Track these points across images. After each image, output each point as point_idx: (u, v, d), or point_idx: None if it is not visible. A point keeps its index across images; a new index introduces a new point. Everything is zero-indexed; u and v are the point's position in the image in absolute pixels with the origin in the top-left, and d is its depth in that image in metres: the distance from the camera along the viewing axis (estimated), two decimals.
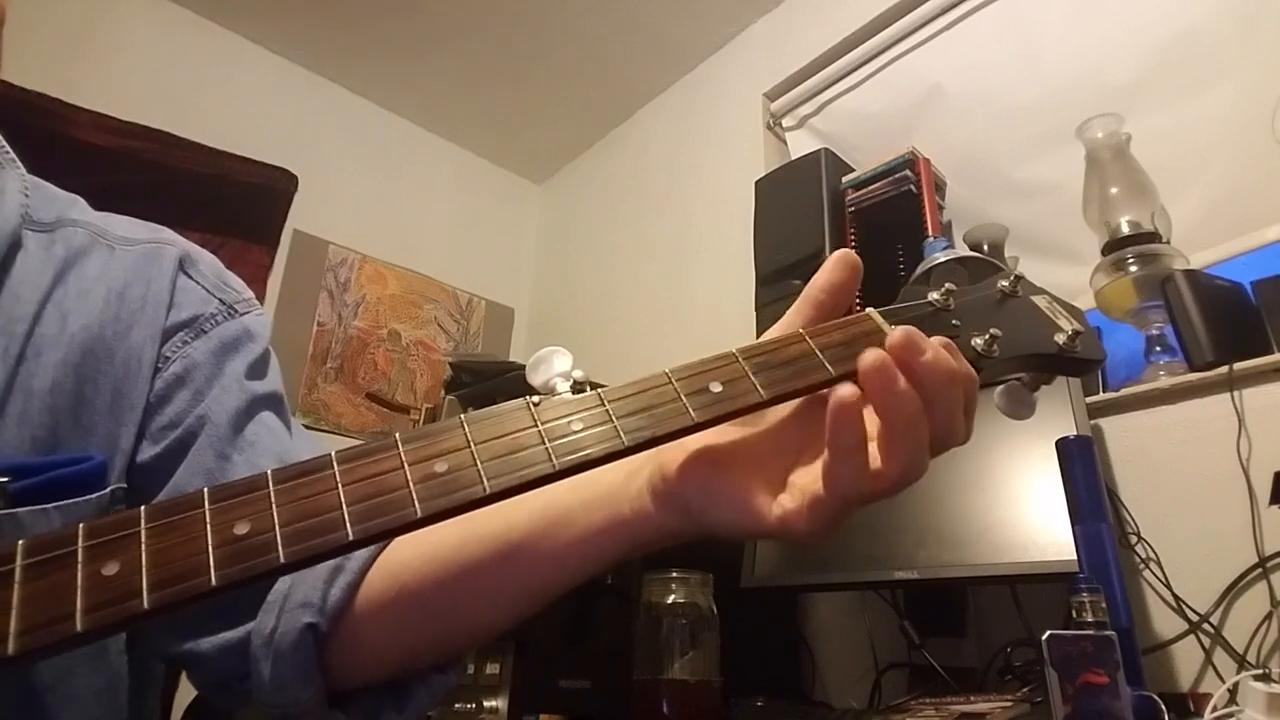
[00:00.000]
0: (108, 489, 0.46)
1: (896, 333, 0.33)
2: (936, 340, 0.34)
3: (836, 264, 0.39)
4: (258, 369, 0.53)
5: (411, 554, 0.45)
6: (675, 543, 0.39)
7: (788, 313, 0.39)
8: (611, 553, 0.40)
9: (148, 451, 0.48)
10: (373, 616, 0.44)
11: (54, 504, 0.43)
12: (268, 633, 0.44)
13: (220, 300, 0.54)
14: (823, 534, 0.34)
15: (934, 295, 0.40)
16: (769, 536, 0.36)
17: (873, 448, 0.33)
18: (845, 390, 0.32)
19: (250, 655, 0.44)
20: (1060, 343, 0.39)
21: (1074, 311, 0.42)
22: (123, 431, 0.48)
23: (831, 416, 0.32)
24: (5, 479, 0.41)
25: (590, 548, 0.40)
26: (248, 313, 0.55)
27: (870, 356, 0.33)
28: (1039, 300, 0.42)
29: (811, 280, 0.39)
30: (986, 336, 0.38)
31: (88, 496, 0.44)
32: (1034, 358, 0.39)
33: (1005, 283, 0.42)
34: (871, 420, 0.34)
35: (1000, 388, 0.41)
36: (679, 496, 0.37)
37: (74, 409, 0.46)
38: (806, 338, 0.36)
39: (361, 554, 0.45)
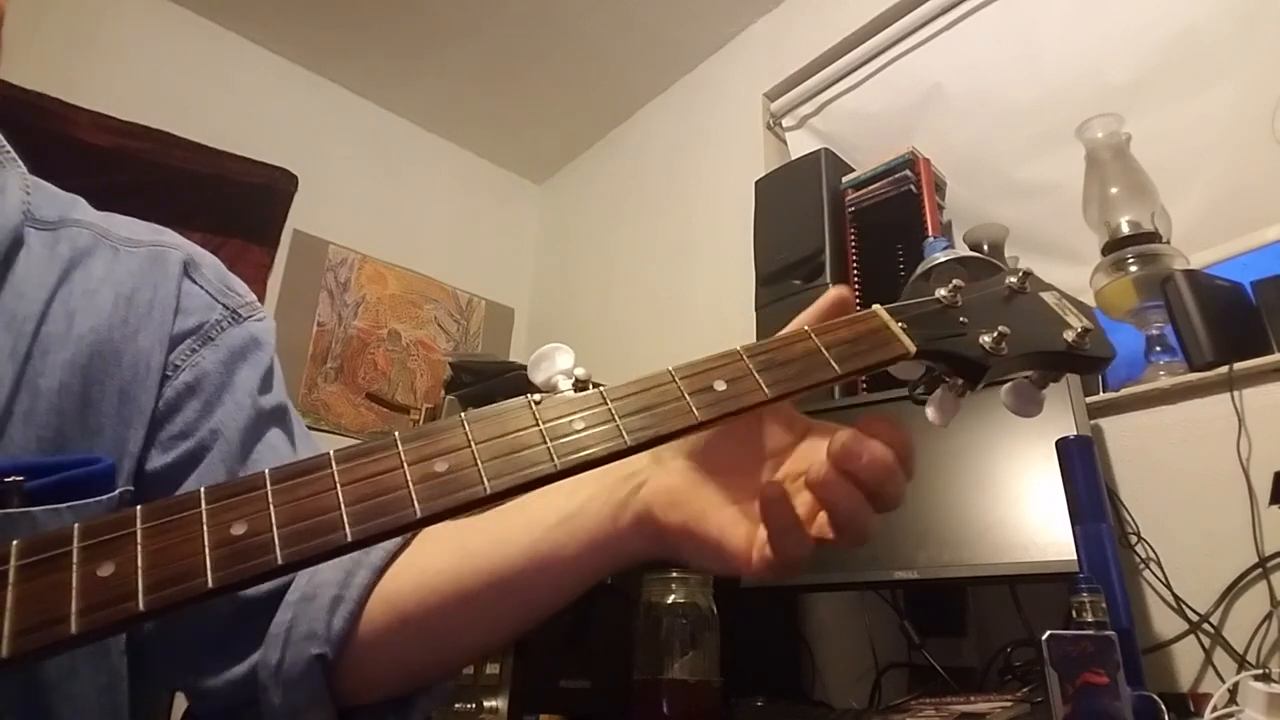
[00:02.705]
0: (116, 491, 0.46)
1: (835, 443, 0.36)
2: (875, 442, 0.36)
3: (828, 304, 0.41)
4: (267, 381, 0.54)
5: (409, 583, 0.46)
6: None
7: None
8: (600, 573, 0.44)
9: (157, 460, 0.48)
10: (374, 644, 0.46)
11: (67, 504, 0.43)
12: (274, 665, 0.45)
13: (224, 305, 0.54)
14: (794, 573, 0.36)
15: (942, 292, 0.39)
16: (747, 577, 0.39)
17: (821, 518, 0.36)
18: (770, 489, 0.36)
19: (259, 685, 0.45)
20: (1069, 340, 0.39)
21: (1083, 309, 0.41)
22: (130, 434, 0.48)
23: (762, 509, 0.36)
24: (20, 478, 0.41)
25: (585, 570, 0.43)
26: (250, 317, 0.55)
27: (814, 471, 0.36)
28: (1048, 297, 0.41)
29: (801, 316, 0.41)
30: (995, 334, 0.37)
31: (99, 498, 0.44)
32: (1042, 355, 0.39)
33: (1014, 279, 0.41)
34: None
35: (1008, 385, 0.40)
36: (666, 541, 0.40)
37: (80, 410, 0.46)
38: (812, 335, 0.36)
39: (359, 583, 0.46)
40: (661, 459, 0.42)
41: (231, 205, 2.10)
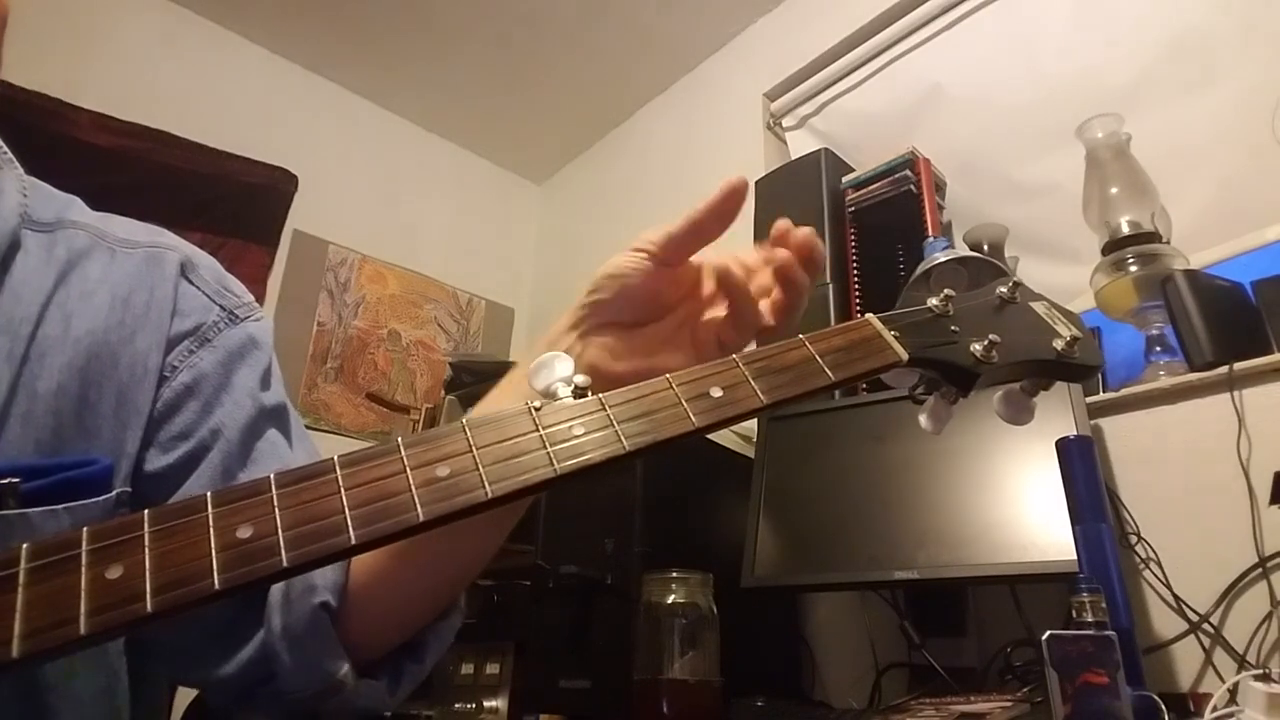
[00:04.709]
0: (114, 492, 0.46)
1: (774, 230, 0.45)
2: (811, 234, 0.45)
3: (724, 192, 0.48)
4: (266, 380, 0.54)
5: None
6: None
7: (667, 231, 0.48)
8: None
9: (157, 461, 0.49)
10: (371, 584, 0.47)
11: (64, 505, 0.43)
12: (280, 628, 0.45)
13: (221, 306, 0.54)
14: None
15: (933, 301, 0.40)
16: None
17: (764, 304, 0.45)
18: (719, 263, 0.45)
19: (269, 655, 0.45)
20: (1059, 348, 0.39)
21: (1072, 317, 0.42)
22: (128, 435, 0.48)
23: (720, 279, 0.45)
24: (17, 479, 0.41)
25: None
26: (248, 318, 0.55)
27: (781, 255, 0.45)
28: (1037, 306, 0.42)
29: (699, 204, 0.48)
30: (985, 342, 0.38)
31: (96, 499, 0.45)
32: (1032, 363, 0.40)
33: (1004, 288, 0.42)
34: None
35: (999, 393, 0.41)
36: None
37: (78, 412, 0.46)
38: (806, 343, 0.37)
39: None
40: (588, 333, 0.46)
41: (231, 205, 2.11)
